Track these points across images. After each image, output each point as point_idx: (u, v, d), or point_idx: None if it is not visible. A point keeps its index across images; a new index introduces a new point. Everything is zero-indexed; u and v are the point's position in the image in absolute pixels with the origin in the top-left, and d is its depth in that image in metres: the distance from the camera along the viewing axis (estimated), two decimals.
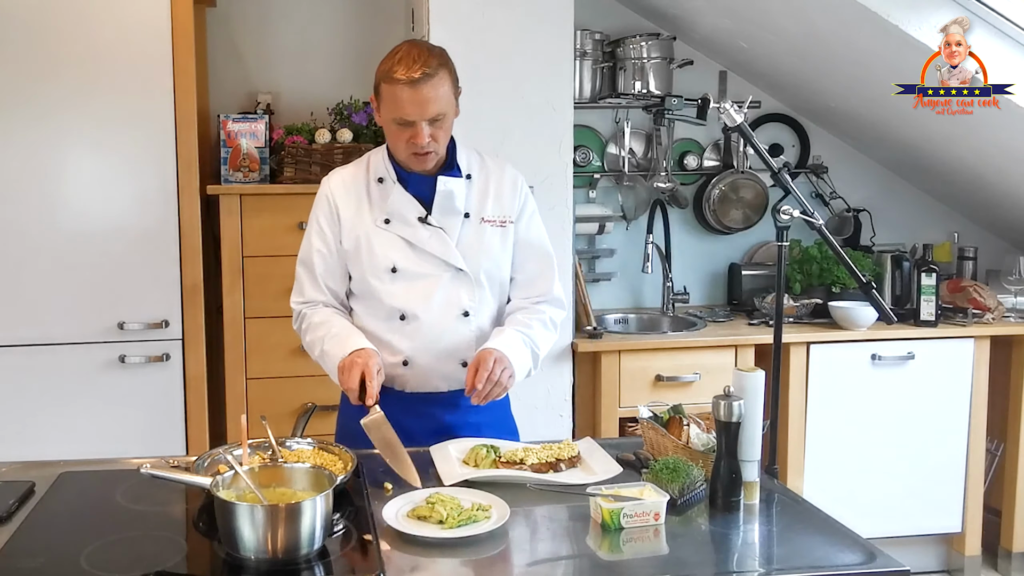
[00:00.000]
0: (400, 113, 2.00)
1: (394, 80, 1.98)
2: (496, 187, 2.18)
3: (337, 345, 2.07)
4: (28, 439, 3.02)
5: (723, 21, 3.54)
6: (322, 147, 3.28)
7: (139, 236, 3.09)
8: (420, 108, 1.99)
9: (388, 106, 2.02)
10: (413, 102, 1.98)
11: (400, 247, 2.11)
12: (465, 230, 2.13)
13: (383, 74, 2.01)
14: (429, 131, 2.02)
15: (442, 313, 2.12)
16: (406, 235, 2.10)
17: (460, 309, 2.13)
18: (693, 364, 3.40)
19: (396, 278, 2.11)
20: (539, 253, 2.24)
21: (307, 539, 1.52)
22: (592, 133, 3.91)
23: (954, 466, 3.58)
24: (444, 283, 2.11)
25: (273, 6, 3.71)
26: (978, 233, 4.13)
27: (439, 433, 2.10)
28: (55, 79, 3.00)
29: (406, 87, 1.97)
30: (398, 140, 2.05)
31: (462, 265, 2.11)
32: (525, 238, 2.21)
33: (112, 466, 1.98)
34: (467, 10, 3.19)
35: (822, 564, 1.59)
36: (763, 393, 1.82)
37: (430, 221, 2.10)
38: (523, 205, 2.21)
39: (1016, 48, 2.96)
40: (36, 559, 1.55)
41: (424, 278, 2.11)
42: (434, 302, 2.11)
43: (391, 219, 2.11)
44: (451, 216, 2.12)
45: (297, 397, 3.24)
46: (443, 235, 2.11)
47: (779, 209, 2.26)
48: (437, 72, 2.01)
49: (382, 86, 2.02)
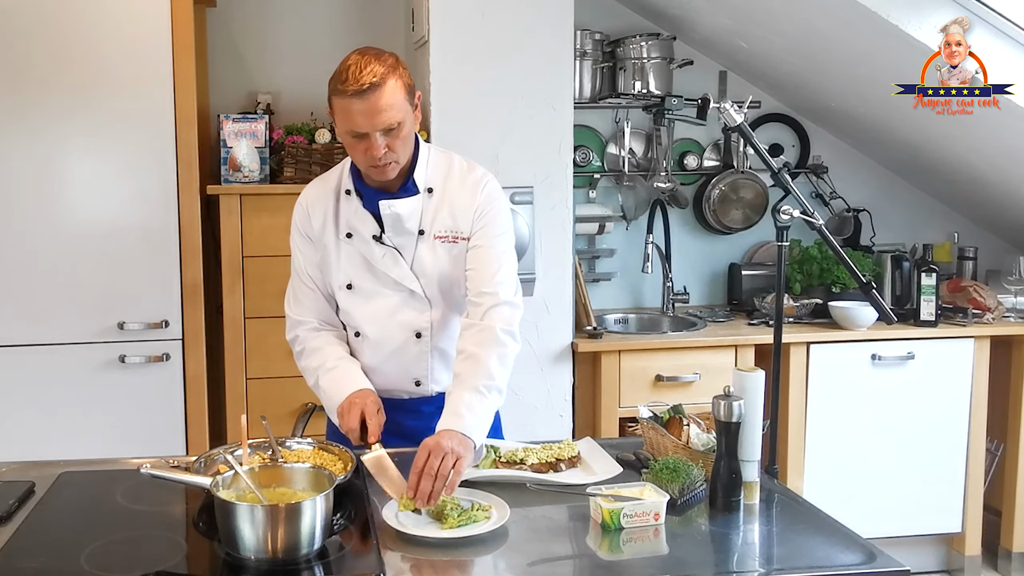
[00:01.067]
0: (351, 125, 1.91)
1: (342, 92, 1.89)
2: (452, 201, 2.06)
3: (333, 384, 2.05)
4: (28, 439, 3.02)
5: (723, 21, 3.54)
6: (322, 147, 3.28)
7: (139, 236, 3.08)
8: (371, 119, 1.89)
9: (340, 119, 1.93)
10: (363, 113, 1.88)
11: (357, 263, 2.08)
12: (420, 248, 2.06)
13: (332, 87, 1.92)
14: (384, 142, 1.92)
15: (394, 333, 2.09)
16: (364, 252, 2.07)
17: (413, 330, 2.09)
18: (693, 364, 3.40)
19: (352, 295, 2.09)
20: (491, 253, 2.05)
21: (307, 539, 1.52)
22: (592, 133, 3.91)
23: (954, 466, 3.58)
24: (396, 303, 2.07)
25: (273, 6, 3.71)
26: (978, 233, 4.13)
27: (403, 436, 2.05)
28: (55, 79, 2.99)
29: (355, 99, 1.88)
30: (355, 153, 1.97)
31: (415, 287, 2.06)
32: (478, 243, 2.06)
33: (112, 466, 1.98)
34: (467, 10, 3.20)
35: (822, 564, 1.59)
36: (763, 393, 1.82)
37: (384, 240, 2.05)
38: (484, 217, 2.06)
39: (1016, 48, 2.96)
40: (36, 559, 1.55)
41: (377, 297, 2.08)
42: (387, 322, 2.08)
43: (352, 234, 2.07)
44: (403, 235, 2.05)
45: (297, 397, 3.24)
46: (397, 255, 2.05)
47: (779, 209, 2.26)
48: (386, 80, 1.89)
49: (332, 99, 1.93)
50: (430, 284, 2.07)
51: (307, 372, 2.12)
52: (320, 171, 3.22)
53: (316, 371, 2.08)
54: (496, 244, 2.07)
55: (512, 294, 2.05)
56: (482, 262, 2.04)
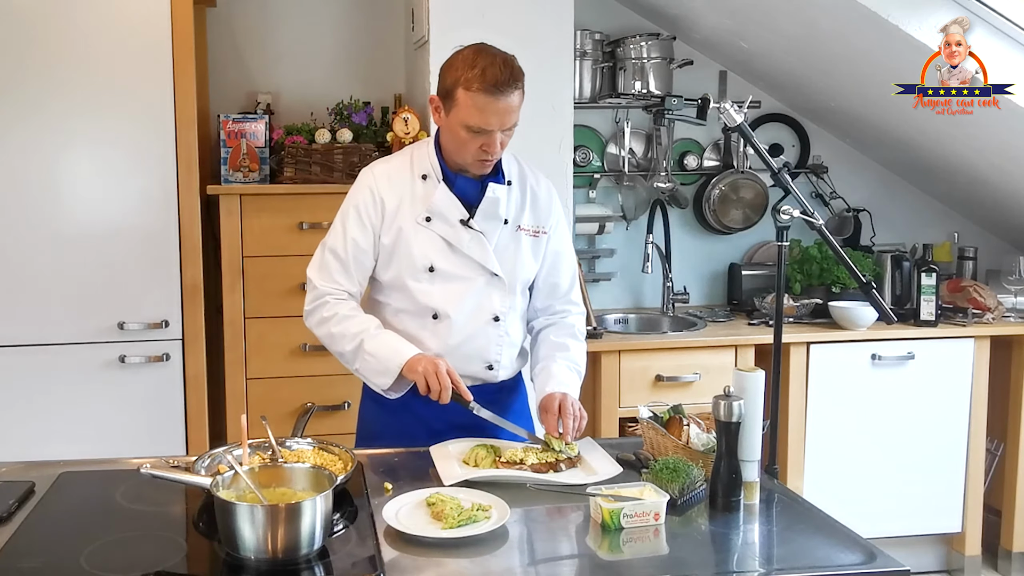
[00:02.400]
0: (480, 123, 1.98)
1: (481, 90, 1.95)
2: (533, 197, 2.20)
3: (387, 347, 2.05)
4: (28, 439, 3.01)
5: (723, 21, 3.54)
6: (322, 147, 3.28)
7: (139, 236, 3.08)
8: (501, 118, 1.99)
9: (465, 113, 1.98)
10: (496, 112, 1.97)
11: (439, 247, 2.11)
12: (502, 236, 2.15)
13: (465, 81, 1.97)
14: (501, 138, 2.02)
15: (474, 316, 2.14)
16: (447, 235, 2.10)
17: (491, 313, 2.15)
18: (693, 364, 3.40)
19: (433, 278, 2.11)
20: (568, 263, 2.28)
21: (307, 539, 1.52)
22: (592, 133, 3.91)
23: (954, 466, 3.59)
24: (479, 287, 2.13)
25: (273, 6, 3.71)
26: (978, 233, 4.13)
27: (461, 428, 2.11)
28: (55, 79, 2.99)
29: (493, 98, 1.96)
30: (467, 146, 2.03)
31: (498, 271, 2.13)
32: (557, 248, 2.24)
33: (112, 466, 1.98)
34: (467, 10, 3.20)
35: (822, 564, 1.59)
36: (763, 393, 1.82)
37: (472, 224, 2.10)
38: (557, 217, 2.24)
39: (1016, 48, 2.96)
40: (36, 559, 1.55)
41: (460, 280, 2.12)
42: (467, 304, 2.13)
43: (432, 217, 2.10)
44: (492, 221, 2.12)
45: (297, 397, 3.24)
46: (483, 239, 2.11)
47: (779, 209, 2.26)
48: (520, 85, 2.01)
49: (460, 92, 1.97)
50: (509, 271, 2.15)
51: (341, 338, 2.09)
52: (320, 171, 3.24)
53: (359, 335, 2.07)
54: (573, 253, 2.31)
55: (581, 302, 2.32)
56: (564, 270, 2.26)
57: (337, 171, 3.26)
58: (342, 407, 3.26)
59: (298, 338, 3.24)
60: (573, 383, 2.17)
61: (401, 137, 3.24)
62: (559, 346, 2.22)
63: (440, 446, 2.05)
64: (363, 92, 3.64)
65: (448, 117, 2.04)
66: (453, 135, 2.05)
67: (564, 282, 2.26)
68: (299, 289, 3.21)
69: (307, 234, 3.20)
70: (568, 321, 2.27)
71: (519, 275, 2.17)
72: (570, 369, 2.19)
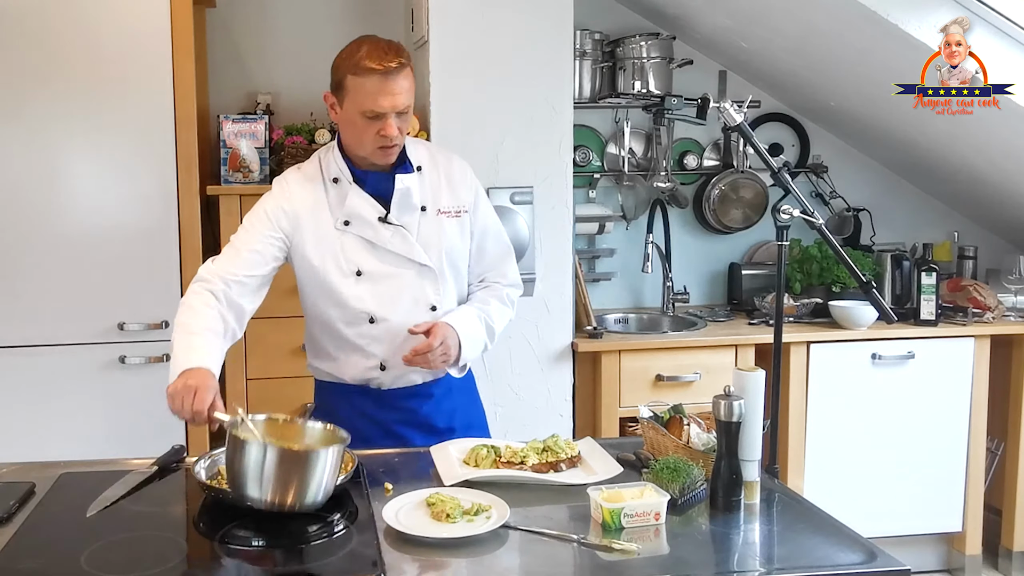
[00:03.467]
0: (372, 105, 1.97)
1: (367, 71, 1.96)
2: (447, 178, 2.18)
3: (176, 354, 1.91)
4: (28, 440, 3.01)
5: (723, 20, 3.54)
6: (322, 147, 3.27)
7: (139, 237, 3.08)
8: (392, 99, 1.98)
9: (357, 98, 1.99)
10: (386, 93, 1.97)
11: (362, 249, 2.09)
12: (423, 224, 2.13)
13: (351, 67, 1.98)
14: (397, 123, 2.01)
15: (410, 311, 2.12)
16: (368, 236, 2.09)
17: (427, 304, 2.13)
18: (693, 364, 3.40)
19: (361, 281, 2.09)
20: (496, 240, 2.26)
21: (314, 490, 1.53)
22: (592, 133, 3.91)
23: (954, 465, 3.58)
24: (409, 280, 2.11)
25: (273, 6, 3.71)
26: (978, 233, 4.13)
27: (414, 424, 2.14)
28: (55, 80, 2.99)
29: (380, 78, 1.96)
30: (365, 134, 2.02)
31: (426, 261, 2.12)
32: (482, 226, 2.23)
33: (112, 467, 1.97)
34: (467, 10, 3.20)
35: (823, 564, 1.59)
36: (763, 393, 1.82)
37: (390, 220, 2.09)
38: (476, 194, 2.22)
39: (1016, 48, 2.96)
40: (36, 560, 1.55)
41: (389, 278, 2.10)
42: (402, 301, 2.11)
43: (351, 220, 2.09)
44: (409, 212, 2.11)
45: (297, 397, 3.23)
46: (405, 233, 2.10)
47: (779, 209, 2.26)
48: (406, 64, 2.01)
49: (348, 79, 1.99)
50: (437, 258, 2.13)
51: (174, 328, 1.99)
52: None
53: (176, 328, 1.97)
54: (501, 229, 2.27)
55: (517, 276, 2.30)
56: (491, 245, 2.24)
57: None
58: None
59: (298, 338, 3.22)
60: (468, 324, 2.12)
61: None
62: (479, 299, 2.22)
63: (440, 446, 2.05)
64: None
65: (343, 109, 2.04)
66: (350, 125, 2.05)
67: (493, 256, 2.25)
68: None
69: None
70: (497, 286, 2.26)
71: (449, 259, 2.15)
72: (478, 318, 2.16)
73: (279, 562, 1.52)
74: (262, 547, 1.61)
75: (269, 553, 1.60)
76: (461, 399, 2.27)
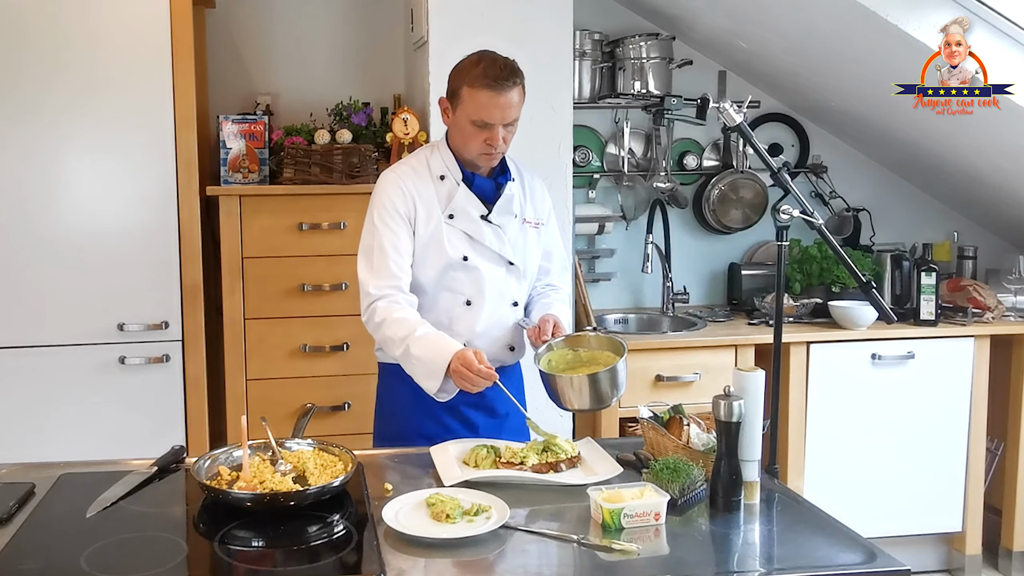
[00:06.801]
0: (483, 115, 2.16)
1: (484, 85, 2.14)
2: (531, 192, 2.40)
3: (431, 348, 2.12)
4: (28, 440, 3.02)
5: (722, 21, 3.54)
6: (321, 148, 3.28)
7: (139, 237, 3.09)
8: (502, 112, 2.17)
9: (469, 108, 2.17)
10: (497, 106, 2.16)
11: (464, 241, 2.27)
12: (513, 228, 2.33)
13: (469, 79, 2.17)
14: (503, 133, 2.20)
15: (497, 302, 2.31)
16: (469, 231, 2.27)
17: (511, 299, 2.34)
18: (693, 364, 3.40)
19: (466, 267, 2.28)
20: (558, 252, 2.52)
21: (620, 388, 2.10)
22: (592, 133, 3.91)
23: (954, 465, 3.58)
24: (500, 275, 2.31)
25: (273, 7, 3.71)
26: (978, 233, 4.13)
27: (482, 407, 2.31)
28: (55, 80, 2.99)
29: (495, 93, 2.15)
30: (473, 140, 2.21)
31: (515, 260, 2.33)
32: (551, 237, 2.48)
33: (112, 467, 1.97)
34: (467, 10, 3.19)
35: (823, 564, 1.59)
36: (763, 393, 1.82)
37: (490, 219, 2.28)
38: (549, 210, 2.46)
39: (1016, 48, 2.96)
40: (36, 561, 1.56)
41: (484, 270, 2.29)
42: (492, 292, 2.30)
43: (455, 215, 2.27)
44: (507, 216, 2.32)
45: (297, 398, 3.24)
46: (501, 232, 2.30)
47: (779, 209, 2.25)
48: (520, 82, 2.20)
49: (464, 89, 2.17)
50: (522, 260, 2.35)
51: (391, 343, 2.18)
52: (320, 172, 3.24)
53: (404, 340, 2.15)
54: (561, 242, 2.56)
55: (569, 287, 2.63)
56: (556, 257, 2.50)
57: (336, 172, 3.26)
58: (342, 408, 3.26)
59: (298, 339, 3.25)
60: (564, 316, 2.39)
61: (400, 138, 3.24)
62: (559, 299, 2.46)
63: (440, 446, 2.05)
64: (362, 93, 3.64)
65: (455, 115, 2.23)
66: (460, 131, 2.23)
67: (555, 267, 2.51)
68: (299, 290, 3.22)
69: (307, 235, 3.20)
70: (562, 291, 2.50)
71: (529, 263, 2.38)
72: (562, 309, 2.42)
73: (279, 562, 1.52)
74: (262, 547, 1.61)
75: (269, 553, 1.60)
76: (515, 385, 2.42)
